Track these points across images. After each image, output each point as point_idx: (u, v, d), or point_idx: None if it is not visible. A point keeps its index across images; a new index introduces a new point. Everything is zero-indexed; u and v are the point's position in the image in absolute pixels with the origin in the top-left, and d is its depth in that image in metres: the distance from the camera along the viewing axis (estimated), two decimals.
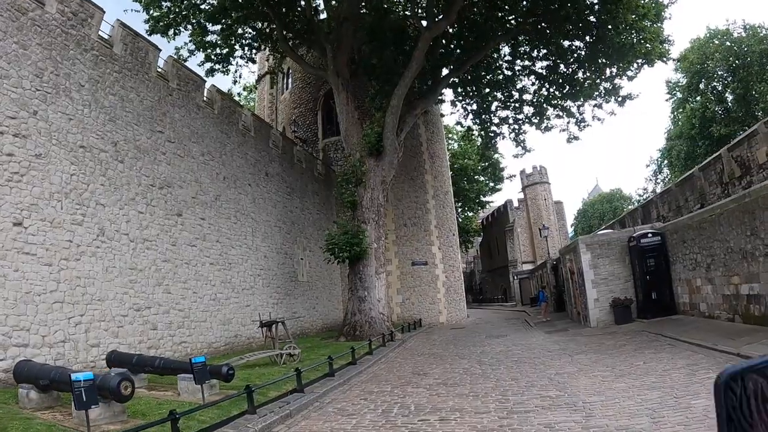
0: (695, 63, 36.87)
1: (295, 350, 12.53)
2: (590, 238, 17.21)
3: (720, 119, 36.61)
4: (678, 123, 40.97)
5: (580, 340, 13.74)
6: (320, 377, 10.65)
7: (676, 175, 38.28)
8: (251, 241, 18.69)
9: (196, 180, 16.33)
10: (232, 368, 8.55)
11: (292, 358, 12.49)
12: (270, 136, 21.70)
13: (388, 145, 19.12)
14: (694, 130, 37.41)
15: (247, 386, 7.66)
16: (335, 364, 12.13)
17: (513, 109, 27.06)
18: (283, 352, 12.38)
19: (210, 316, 15.76)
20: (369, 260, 18.01)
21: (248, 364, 12.19)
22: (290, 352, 12.41)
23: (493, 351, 13.34)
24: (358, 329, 17.30)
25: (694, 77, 37.85)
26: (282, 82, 34.97)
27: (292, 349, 12.53)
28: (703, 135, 36.88)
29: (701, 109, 36.76)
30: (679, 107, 40.73)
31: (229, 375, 8.47)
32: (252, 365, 12.12)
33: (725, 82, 37.56)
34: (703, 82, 38.21)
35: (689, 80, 38.46)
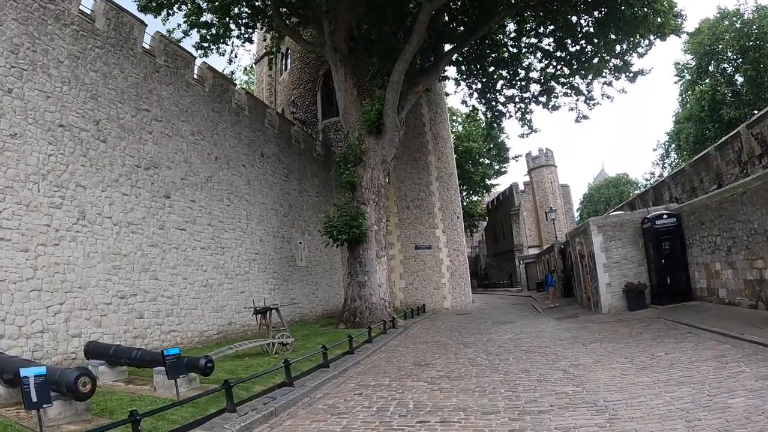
0: (705, 44, 35.84)
1: (288, 339, 11.77)
2: (602, 219, 16.28)
3: (730, 102, 35.64)
4: (686, 106, 40.20)
5: (592, 328, 12.90)
6: (313, 368, 9.92)
7: (684, 158, 37.58)
8: (246, 225, 17.89)
9: (186, 160, 15.54)
10: (211, 361, 7.77)
11: (285, 347, 11.75)
12: (266, 115, 20.76)
13: (389, 123, 18.14)
14: (703, 112, 36.64)
15: (225, 381, 6.89)
16: (331, 353, 11.40)
17: (519, 88, 25.98)
18: (275, 341, 11.62)
19: (201, 303, 15.06)
20: (369, 243, 17.18)
21: (238, 354, 11.46)
22: (283, 341, 11.66)
23: (500, 339, 12.55)
24: (358, 316, 16.54)
25: (704, 59, 36.97)
26: (281, 63, 33.90)
27: (284, 338, 11.77)
28: (713, 118, 36.08)
29: (711, 92, 35.80)
30: (688, 89, 39.98)
31: (207, 368, 7.69)
32: (242, 355, 11.39)
33: (735, 64, 36.54)
34: (712, 63, 37.25)
35: (698, 62, 37.60)
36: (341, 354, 11.51)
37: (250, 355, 11.59)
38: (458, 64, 26.01)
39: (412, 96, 20.01)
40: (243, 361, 10.56)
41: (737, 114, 34.21)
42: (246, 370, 9.44)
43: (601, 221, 16.10)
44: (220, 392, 6.97)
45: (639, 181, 63.55)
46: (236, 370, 9.48)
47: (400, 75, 18.22)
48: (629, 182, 67.62)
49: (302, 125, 27.86)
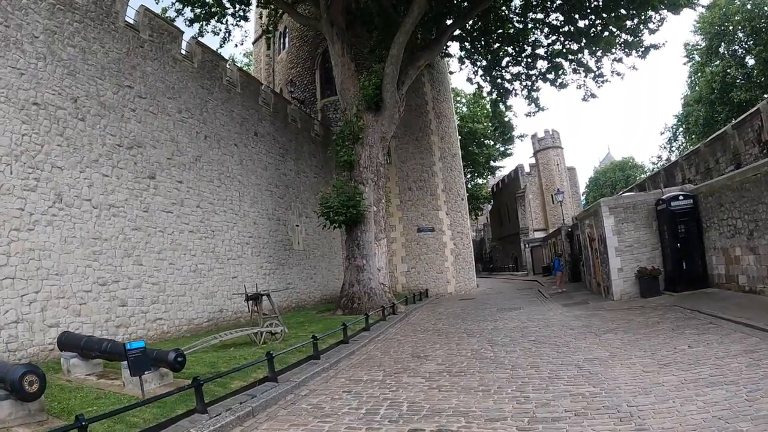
0: (715, 24, 34.54)
1: (278, 328, 11.02)
2: (614, 200, 15.34)
3: (741, 84, 34.54)
4: (696, 88, 39.07)
5: (604, 316, 12.07)
6: (302, 360, 9.18)
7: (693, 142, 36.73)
8: (238, 207, 17.07)
9: (172, 139, 14.72)
10: (181, 355, 6.98)
11: (274, 336, 11.01)
12: (260, 93, 19.79)
13: (388, 98, 17.12)
14: (713, 94, 35.69)
15: (194, 378, 6.13)
16: (323, 343, 10.69)
17: (525, 65, 24.79)
18: (263, 330, 10.87)
19: (190, 289, 14.35)
20: (368, 225, 16.33)
21: (224, 343, 10.75)
22: (272, 330, 10.90)
23: (505, 327, 11.75)
24: (356, 301, 15.78)
25: (714, 39, 35.74)
26: (279, 43, 32.85)
27: (273, 327, 11.01)
28: (723, 100, 35.03)
29: (721, 73, 34.62)
30: (698, 71, 38.81)
31: (177, 363, 6.90)
32: (228, 345, 10.68)
33: (746, 45, 35.24)
34: (723, 45, 35.97)
35: (708, 42, 36.35)
36: (334, 344, 10.77)
37: (236, 345, 10.87)
38: (462, 40, 24.85)
39: (413, 71, 18.93)
40: (227, 353, 9.82)
41: (748, 96, 33.41)
42: (228, 363, 8.70)
43: (612, 202, 15.17)
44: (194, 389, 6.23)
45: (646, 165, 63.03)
46: (217, 363, 8.75)
47: (399, 48, 17.17)
48: (635, 166, 66.83)
49: (300, 105, 26.87)
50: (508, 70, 25.20)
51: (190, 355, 9.66)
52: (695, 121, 38.73)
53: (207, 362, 8.87)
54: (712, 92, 36.02)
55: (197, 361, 9.00)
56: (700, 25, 37.01)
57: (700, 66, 38.91)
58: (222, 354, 9.71)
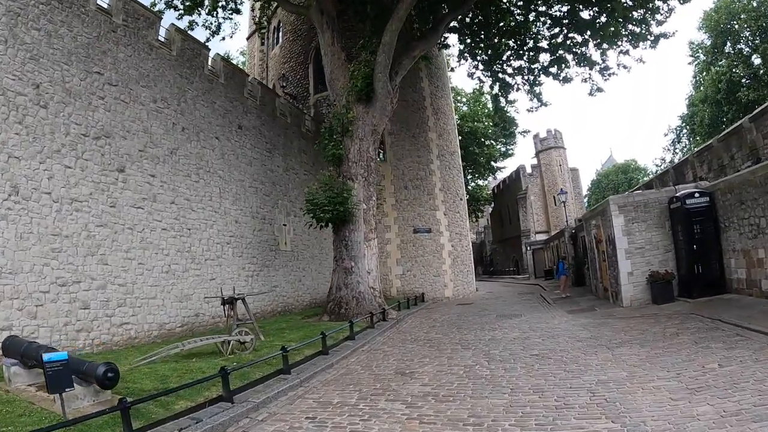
0: (721, 22, 33.45)
1: (247, 336, 9.82)
2: (624, 198, 14.12)
3: (747, 84, 33.55)
4: (701, 88, 38.03)
5: (614, 325, 10.83)
6: (270, 375, 8.00)
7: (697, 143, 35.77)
8: (218, 204, 15.89)
9: (145, 130, 13.65)
10: (113, 370, 5.78)
11: (243, 346, 9.82)
12: (245, 84, 18.63)
13: (380, 89, 15.94)
14: (720, 94, 34.63)
15: (121, 400, 4.95)
16: (299, 354, 9.53)
17: (527, 59, 23.61)
18: (231, 339, 9.68)
19: (162, 291, 13.21)
20: (357, 224, 15.11)
21: (189, 352, 9.58)
22: (240, 339, 9.70)
23: (505, 338, 10.50)
24: (343, 306, 14.56)
25: (720, 38, 34.64)
26: (272, 38, 31.89)
27: (243, 335, 9.81)
28: (730, 100, 34.01)
29: (727, 72, 33.60)
30: (703, 70, 37.72)
31: (107, 379, 5.71)
32: (191, 355, 9.48)
33: (752, 44, 34.20)
34: (728, 43, 35.00)
35: (714, 41, 35.30)
36: (311, 355, 9.58)
37: (201, 354, 9.69)
38: (461, 33, 23.69)
39: (407, 61, 17.75)
40: (187, 364, 8.62)
41: (756, 96, 32.44)
42: (183, 377, 7.50)
43: (622, 200, 13.95)
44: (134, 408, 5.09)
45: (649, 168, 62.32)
46: (170, 377, 7.56)
47: (392, 36, 15.99)
48: (638, 169, 66.23)
49: (293, 100, 25.76)
50: (509, 64, 24.08)
51: (147, 365, 8.61)
52: (700, 121, 38.03)
53: (159, 375, 7.70)
54: (718, 92, 35.30)
55: (150, 373, 7.87)
56: (705, 23, 36.26)
57: (705, 65, 38.05)
58: (180, 366, 8.52)
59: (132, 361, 8.98)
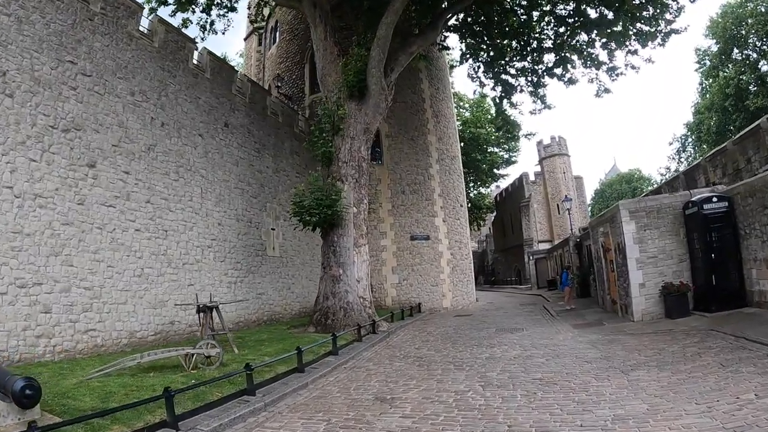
0: (727, 28, 32.70)
1: (213, 349, 8.75)
2: (635, 202, 13.04)
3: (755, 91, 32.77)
4: (707, 95, 37.15)
5: (626, 343, 9.69)
6: (231, 396, 6.96)
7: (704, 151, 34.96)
8: (199, 204, 14.89)
9: (120, 124, 12.76)
10: (32, 386, 4.74)
11: (209, 360, 8.75)
12: (233, 80, 17.70)
13: (373, 85, 14.94)
14: (728, 100, 33.64)
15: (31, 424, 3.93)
16: (272, 371, 8.47)
17: (531, 60, 22.66)
18: (194, 352, 8.63)
19: (133, 296, 12.22)
20: (346, 229, 14.04)
21: (150, 365, 8.57)
22: (205, 352, 8.64)
23: (504, 356, 9.36)
24: (330, 317, 13.46)
25: (727, 43, 33.83)
26: (269, 38, 31.23)
27: (208, 348, 8.75)
28: (738, 107, 33.12)
29: (735, 78, 32.74)
30: (710, 77, 36.88)
31: (25, 397, 4.67)
32: (151, 368, 8.46)
33: (760, 50, 33.48)
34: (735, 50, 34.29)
35: (722, 47, 34.45)
36: (285, 373, 8.52)
37: (164, 368, 8.66)
38: (462, 32, 22.78)
39: (404, 57, 16.77)
40: (142, 379, 7.59)
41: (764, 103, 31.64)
42: (129, 395, 6.46)
43: (633, 205, 12.86)
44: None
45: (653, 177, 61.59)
46: (117, 394, 6.53)
47: (387, 29, 15.03)
48: (642, 178, 65.44)
49: (288, 101, 24.88)
50: (512, 65, 23.10)
51: (100, 378, 7.61)
52: (707, 129, 37.33)
53: (105, 392, 6.68)
54: (725, 98, 34.54)
55: (98, 388, 6.92)
56: (711, 29, 35.61)
57: (712, 71, 37.25)
58: (134, 381, 7.48)
59: (87, 372, 8.06)
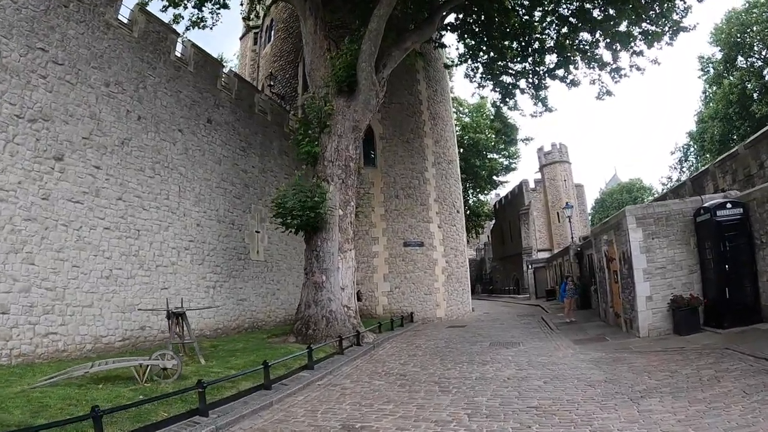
0: (732, 35, 32.58)
1: (170, 361, 7.81)
2: (642, 208, 12.09)
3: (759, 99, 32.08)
4: (710, 103, 36.45)
5: (633, 363, 8.70)
6: (179, 416, 6.03)
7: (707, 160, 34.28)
8: (176, 203, 13.99)
9: (93, 116, 12.00)
10: None
11: (167, 372, 7.81)
12: (219, 75, 16.87)
13: (363, 80, 14.05)
14: (732, 107, 32.88)
15: None
16: (234, 387, 7.53)
17: (532, 62, 21.85)
18: (149, 363, 7.70)
19: (100, 299, 11.39)
20: (330, 232, 13.08)
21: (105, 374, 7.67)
22: (162, 364, 7.70)
23: (497, 376, 8.36)
24: (311, 327, 12.47)
25: (732, 51, 33.26)
26: (264, 37, 30.58)
27: (166, 359, 7.82)
28: (742, 115, 32.45)
29: (740, 86, 32.06)
30: (714, 85, 36.14)
31: None
32: (103, 378, 7.56)
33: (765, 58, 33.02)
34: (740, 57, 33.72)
35: (726, 54, 33.87)
36: (248, 390, 7.57)
37: (117, 379, 7.76)
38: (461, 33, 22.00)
39: (398, 53, 15.89)
40: (87, 391, 6.77)
41: None
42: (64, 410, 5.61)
43: (641, 211, 11.91)
44: None
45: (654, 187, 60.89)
46: (52, 408, 5.73)
47: (380, 22, 14.18)
48: (643, 188, 64.58)
49: (281, 100, 24.08)
50: (512, 67, 22.28)
51: (44, 387, 6.81)
52: (710, 138, 36.50)
53: (41, 404, 5.89)
54: (729, 106, 33.74)
55: (35, 400, 6.16)
56: (716, 36, 35.03)
57: (716, 79, 36.59)
58: (79, 393, 6.64)
59: (34, 380, 7.28)
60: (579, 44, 20.51)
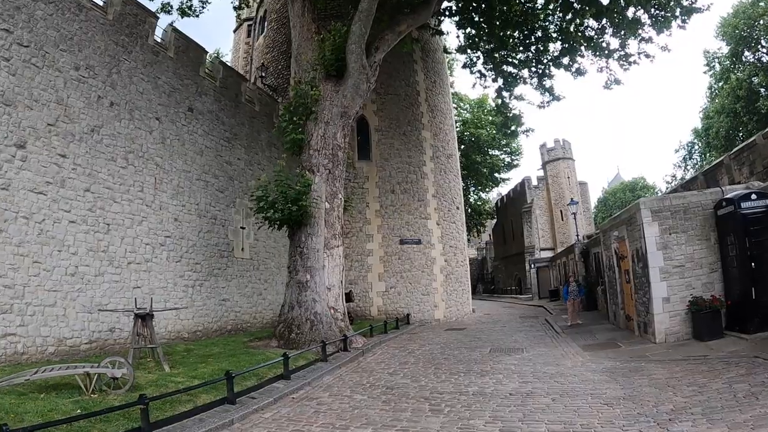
0: (739, 28, 32.15)
1: (120, 369, 6.80)
2: (659, 201, 10.97)
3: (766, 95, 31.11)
4: (716, 99, 35.72)
5: (653, 374, 7.60)
6: None
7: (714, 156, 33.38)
8: (152, 197, 12.97)
9: (59, 101, 11.11)
10: None
11: (117, 382, 6.80)
12: (202, 61, 15.86)
13: (353, 62, 12.98)
14: (739, 103, 31.87)
15: None
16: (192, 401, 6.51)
17: (536, 50, 20.78)
18: (96, 371, 6.69)
19: (64, 298, 10.42)
20: (315, 227, 12.03)
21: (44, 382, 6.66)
22: (110, 373, 6.68)
23: (498, 392, 7.24)
24: (294, 330, 11.42)
25: (739, 45, 32.27)
26: (258, 28, 29.72)
27: (116, 367, 6.81)
28: (749, 110, 31.42)
29: (747, 80, 31.10)
30: (720, 80, 35.15)
31: None
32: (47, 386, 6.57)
33: None
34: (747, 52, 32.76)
35: (733, 48, 32.94)
36: (209, 404, 6.53)
37: (64, 387, 6.75)
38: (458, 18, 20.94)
39: (391, 36, 14.80)
40: (24, 403, 5.78)
41: None
42: None
43: (657, 204, 10.82)
44: None
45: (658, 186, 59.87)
46: None
47: (371, 2, 13.09)
48: (646, 187, 63.50)
49: (273, 92, 23.07)
50: (514, 56, 21.20)
51: None
52: (716, 134, 35.48)
53: None
54: (737, 100, 32.66)
55: None
56: (722, 29, 34.04)
57: (723, 73, 35.58)
58: (13, 403, 5.71)
59: None
60: (584, 31, 19.45)
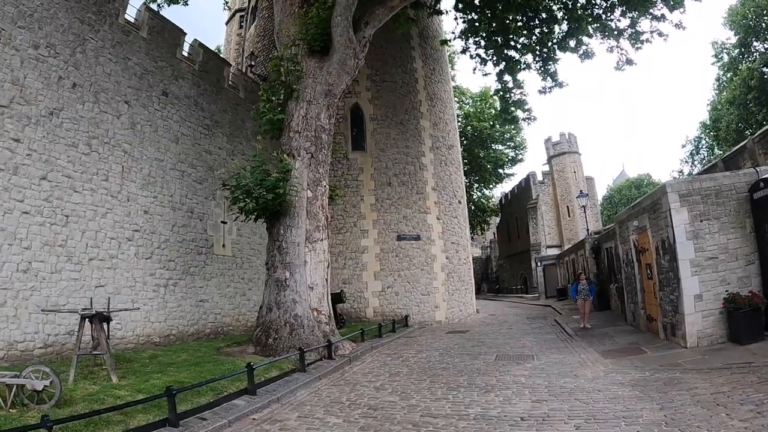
0: (748, 17, 31.06)
1: (42, 381, 5.57)
2: (687, 183, 9.56)
3: None
4: (724, 91, 34.96)
5: (693, 387, 6.25)
6: None
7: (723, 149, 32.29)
8: (118, 186, 11.72)
9: (15, 81, 10.03)
10: None
11: (40, 395, 5.56)
12: (180, 43, 14.61)
13: (338, 36, 11.63)
14: (751, 93, 30.56)
15: None
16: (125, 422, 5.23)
17: (540, 33, 19.43)
18: (14, 383, 5.45)
19: (15, 297, 9.32)
20: (296, 218, 10.69)
21: None
22: (30, 385, 5.44)
23: (505, 415, 5.83)
24: (272, 335, 10.08)
25: (747, 34, 30.93)
26: (250, 19, 28.65)
27: (39, 378, 5.58)
28: (761, 100, 30.05)
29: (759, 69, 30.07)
30: (729, 71, 34.54)
31: None
32: None
33: None
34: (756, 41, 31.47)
35: (741, 37, 31.67)
36: (146, 426, 5.25)
37: None
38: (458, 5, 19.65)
39: (382, 11, 13.40)
40: None
41: None
42: None
43: (685, 186, 9.44)
44: None
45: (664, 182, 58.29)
46: None
47: None
48: (652, 183, 62.01)
49: (262, 81, 21.79)
50: (517, 41, 19.85)
51: None
52: (726, 126, 34.00)
53: None
54: (749, 90, 31.26)
55: None
56: (730, 18, 32.75)
57: (731, 64, 34.23)
58: None
59: None
60: (593, 10, 18.10)
